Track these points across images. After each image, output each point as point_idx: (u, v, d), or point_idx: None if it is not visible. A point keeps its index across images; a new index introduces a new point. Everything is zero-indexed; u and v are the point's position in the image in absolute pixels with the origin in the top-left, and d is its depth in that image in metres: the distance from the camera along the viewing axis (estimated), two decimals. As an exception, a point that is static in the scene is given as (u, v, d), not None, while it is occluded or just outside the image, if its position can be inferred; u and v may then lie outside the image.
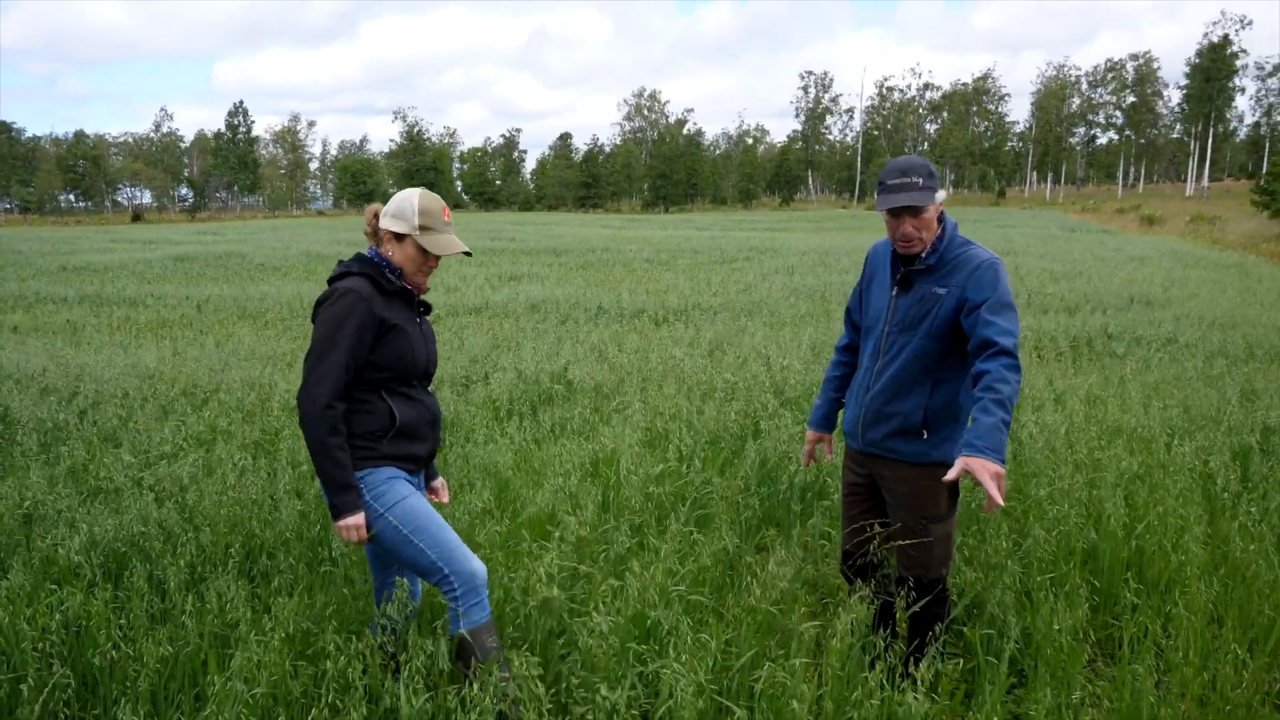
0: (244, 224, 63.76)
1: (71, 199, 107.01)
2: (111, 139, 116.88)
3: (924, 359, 3.09)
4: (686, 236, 34.96)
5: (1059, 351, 9.73)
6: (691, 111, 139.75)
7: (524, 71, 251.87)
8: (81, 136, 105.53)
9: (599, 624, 3.07)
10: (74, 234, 46.13)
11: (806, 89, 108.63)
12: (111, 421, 6.43)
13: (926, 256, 3.09)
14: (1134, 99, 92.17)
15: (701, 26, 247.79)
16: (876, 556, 3.30)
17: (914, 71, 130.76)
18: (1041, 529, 4.01)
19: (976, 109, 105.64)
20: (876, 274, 3.30)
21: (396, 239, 2.99)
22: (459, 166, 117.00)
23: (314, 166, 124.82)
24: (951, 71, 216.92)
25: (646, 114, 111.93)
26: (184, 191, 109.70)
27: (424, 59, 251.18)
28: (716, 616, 3.52)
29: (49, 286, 18.12)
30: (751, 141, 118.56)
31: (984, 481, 2.63)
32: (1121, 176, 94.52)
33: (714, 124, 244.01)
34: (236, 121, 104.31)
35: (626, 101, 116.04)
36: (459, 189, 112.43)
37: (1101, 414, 6.26)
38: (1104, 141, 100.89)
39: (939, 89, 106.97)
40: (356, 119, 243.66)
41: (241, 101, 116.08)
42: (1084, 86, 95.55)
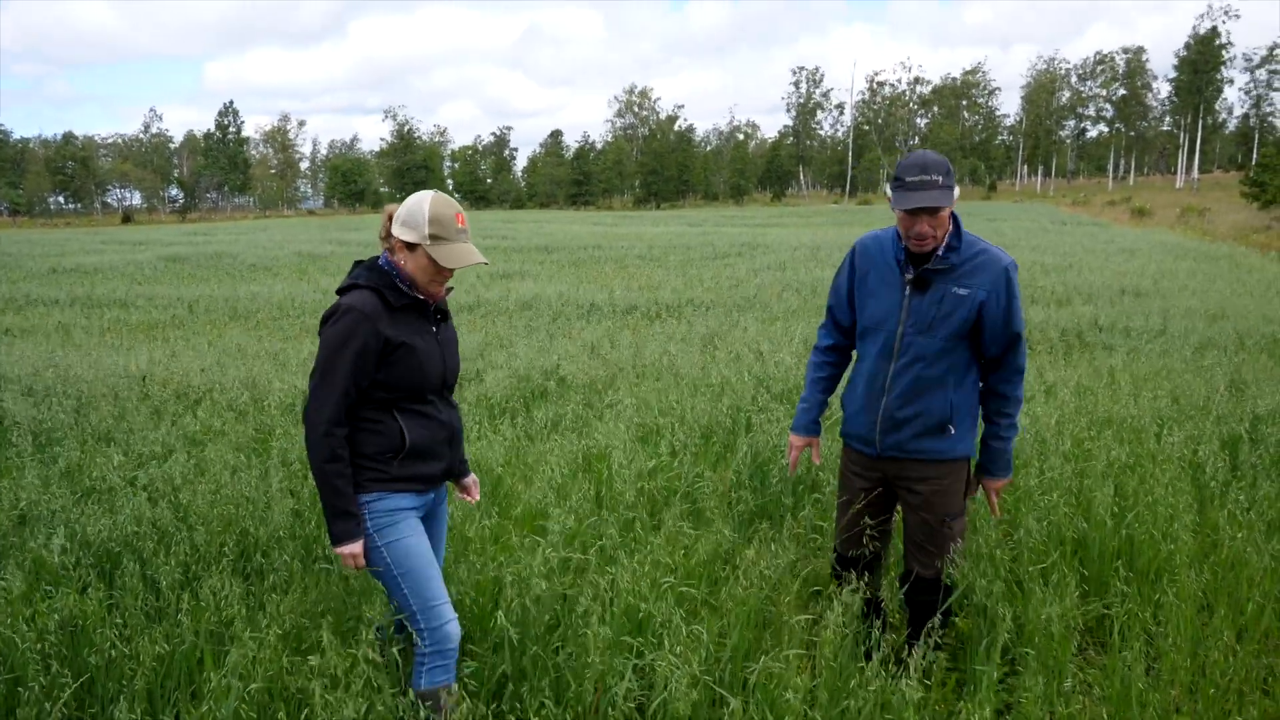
0: (235, 224, 63.51)
1: (61, 201, 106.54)
2: (101, 140, 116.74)
3: (947, 358, 3.07)
4: (678, 233, 34.95)
5: (1050, 343, 9.78)
6: (682, 108, 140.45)
7: (515, 70, 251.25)
8: (70, 138, 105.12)
9: (591, 618, 3.08)
10: (64, 236, 45.88)
11: (798, 84, 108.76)
12: (106, 421, 6.42)
13: (944, 255, 3.02)
14: (1124, 92, 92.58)
15: (692, 23, 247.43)
16: (869, 551, 3.31)
17: (904, 66, 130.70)
18: (1032, 519, 4.03)
19: (966, 103, 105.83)
20: (872, 271, 3.17)
21: (408, 248, 2.77)
22: (450, 165, 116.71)
23: (304, 166, 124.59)
24: (943, 66, 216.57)
25: (637, 111, 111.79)
26: (174, 192, 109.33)
27: (414, 58, 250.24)
28: (710, 609, 3.54)
29: (39, 289, 18.05)
30: (743, 137, 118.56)
31: (993, 500, 3.38)
32: (1112, 169, 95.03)
33: (705, 120, 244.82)
34: (226, 122, 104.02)
35: (617, 98, 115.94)
36: (450, 187, 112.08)
37: (1092, 405, 6.29)
38: (1094, 134, 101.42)
39: (929, 83, 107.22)
40: (347, 118, 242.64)
41: (231, 101, 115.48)
42: (1074, 80, 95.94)
